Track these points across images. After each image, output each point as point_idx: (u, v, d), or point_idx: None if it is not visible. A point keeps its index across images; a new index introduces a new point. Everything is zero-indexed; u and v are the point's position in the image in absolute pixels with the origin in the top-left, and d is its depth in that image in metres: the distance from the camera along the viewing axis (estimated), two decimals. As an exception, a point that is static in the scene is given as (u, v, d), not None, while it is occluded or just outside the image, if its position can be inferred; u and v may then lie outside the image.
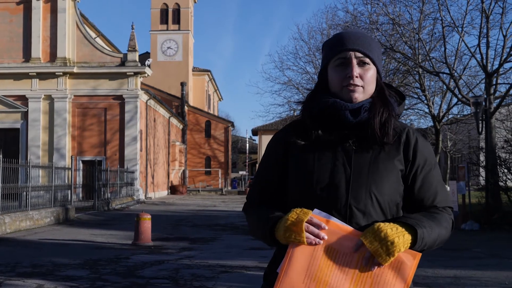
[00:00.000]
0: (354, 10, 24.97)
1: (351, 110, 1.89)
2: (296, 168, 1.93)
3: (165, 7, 52.03)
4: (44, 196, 18.04)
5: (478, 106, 17.14)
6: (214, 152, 50.70)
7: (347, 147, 1.89)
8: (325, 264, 1.70)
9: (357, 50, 1.90)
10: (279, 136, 2.04)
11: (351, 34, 1.95)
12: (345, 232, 1.73)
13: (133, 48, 31.33)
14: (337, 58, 1.92)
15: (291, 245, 1.74)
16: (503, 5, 18.75)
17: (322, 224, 1.74)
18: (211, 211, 24.83)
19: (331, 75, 1.95)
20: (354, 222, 1.82)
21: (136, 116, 31.21)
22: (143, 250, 11.48)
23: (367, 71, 1.91)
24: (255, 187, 2.07)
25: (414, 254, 1.71)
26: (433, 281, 8.08)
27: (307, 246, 1.72)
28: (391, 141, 1.90)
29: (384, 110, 1.92)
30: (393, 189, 1.88)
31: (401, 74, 26.24)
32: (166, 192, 42.30)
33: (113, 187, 26.59)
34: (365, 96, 1.92)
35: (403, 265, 1.69)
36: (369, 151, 1.89)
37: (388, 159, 1.89)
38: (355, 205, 1.84)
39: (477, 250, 11.55)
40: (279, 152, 2.00)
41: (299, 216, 1.75)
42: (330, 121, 1.92)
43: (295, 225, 1.74)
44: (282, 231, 1.76)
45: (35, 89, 30.68)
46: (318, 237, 1.73)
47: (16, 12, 30.89)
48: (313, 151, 1.91)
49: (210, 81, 61.62)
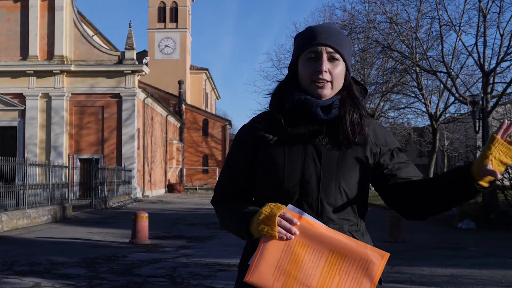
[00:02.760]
0: (352, 8, 25.12)
1: (322, 107, 1.91)
2: (267, 163, 1.95)
3: (163, 5, 51.96)
4: (41, 194, 18.02)
5: (475, 105, 17.20)
6: (212, 150, 50.69)
7: (317, 143, 1.93)
8: (295, 258, 1.73)
9: (328, 45, 1.92)
10: (248, 129, 2.05)
11: (323, 28, 1.97)
12: (317, 228, 1.76)
13: (131, 46, 31.30)
14: (308, 52, 1.94)
15: (263, 239, 1.77)
16: (500, 4, 18.81)
17: (294, 220, 1.75)
18: (208, 209, 24.82)
19: (301, 69, 1.96)
20: (325, 216, 1.88)
21: (133, 114, 31.20)
22: (140, 249, 11.49)
23: (337, 66, 1.94)
24: (223, 179, 2.09)
25: (383, 254, 1.73)
26: (430, 280, 8.10)
27: (278, 240, 1.74)
28: (361, 140, 1.94)
29: (354, 109, 1.96)
30: (361, 183, 1.93)
31: (398, 73, 26.30)
32: (164, 191, 42.28)
33: (110, 186, 26.58)
34: (333, 92, 1.95)
35: (371, 264, 1.71)
36: (338, 147, 1.93)
37: (356, 154, 1.93)
38: (326, 200, 1.88)
39: (474, 249, 11.58)
40: (248, 145, 2.01)
41: (272, 210, 1.76)
42: (300, 117, 1.95)
43: (268, 219, 1.75)
44: (256, 224, 1.78)
45: (32, 87, 30.64)
46: (289, 232, 1.74)
47: (13, 10, 30.83)
48: (283, 146, 1.93)
49: (207, 80, 61.57)
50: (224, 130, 51.12)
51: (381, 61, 28.13)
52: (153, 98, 35.82)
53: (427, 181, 1.90)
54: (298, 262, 1.73)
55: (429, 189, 1.86)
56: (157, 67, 49.54)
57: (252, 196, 2.02)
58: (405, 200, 1.92)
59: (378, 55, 26.10)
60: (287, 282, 1.72)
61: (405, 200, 1.92)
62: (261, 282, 1.73)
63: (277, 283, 1.72)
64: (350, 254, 1.72)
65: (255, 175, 2.00)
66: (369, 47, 25.06)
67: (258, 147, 1.98)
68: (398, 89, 29.65)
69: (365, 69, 29.93)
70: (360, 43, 27.22)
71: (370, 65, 29.57)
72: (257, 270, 1.74)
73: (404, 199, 1.92)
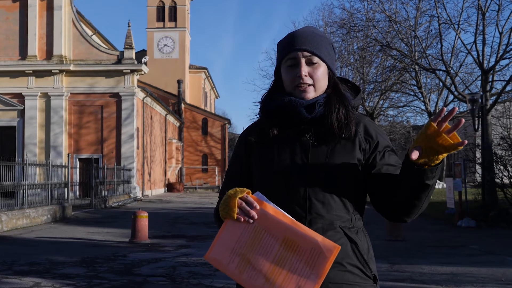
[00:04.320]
0: (351, 7, 25.09)
1: (306, 106, 1.95)
2: (258, 165, 2.02)
3: (162, 4, 51.93)
4: (40, 194, 18.02)
5: (474, 103, 17.19)
6: (211, 149, 50.67)
7: (304, 141, 1.96)
8: (250, 242, 1.76)
9: (304, 50, 1.97)
10: (242, 135, 2.14)
11: (300, 33, 2.01)
12: (277, 216, 1.77)
13: (130, 46, 31.28)
14: (287, 59, 2.00)
15: (226, 220, 1.81)
16: (499, 2, 18.78)
17: (254, 203, 1.78)
18: (208, 208, 24.82)
19: (283, 75, 2.02)
20: (314, 212, 1.89)
21: (132, 113, 31.18)
22: (140, 248, 11.49)
23: (316, 69, 1.98)
24: (225, 183, 2.13)
25: (334, 247, 1.72)
26: (430, 278, 8.10)
27: (238, 223, 1.78)
28: (350, 135, 1.95)
29: (340, 105, 1.98)
30: (350, 179, 1.93)
31: (397, 71, 26.30)
32: (163, 190, 42.28)
33: (110, 185, 26.58)
34: (317, 93, 1.99)
35: (321, 255, 1.71)
36: (326, 144, 1.95)
37: (344, 150, 1.95)
38: (315, 197, 1.90)
39: (473, 247, 11.59)
40: (242, 151, 2.09)
41: (236, 192, 1.80)
42: (286, 119, 1.99)
43: (230, 199, 1.79)
44: (220, 205, 1.83)
45: (31, 87, 30.62)
46: (247, 214, 1.77)
47: (12, 10, 30.80)
48: (272, 147, 1.98)
49: (206, 79, 61.54)
50: (224, 129, 51.10)
51: (380, 60, 28.13)
52: (152, 97, 35.81)
53: (393, 179, 1.90)
54: (253, 246, 1.75)
55: (394, 185, 1.88)
56: (156, 66, 49.53)
57: None
58: (382, 200, 1.94)
59: (377, 53, 26.10)
60: (240, 265, 1.75)
61: (382, 200, 1.94)
62: (217, 262, 1.78)
63: (232, 264, 1.76)
64: (303, 243, 1.73)
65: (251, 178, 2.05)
66: (368, 45, 25.06)
67: (251, 151, 2.05)
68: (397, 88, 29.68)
69: (364, 68, 29.92)
70: (359, 42, 27.23)
71: (369, 63, 29.56)
72: (215, 250, 1.79)
73: (381, 199, 1.94)
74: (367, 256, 1.94)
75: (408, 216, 1.91)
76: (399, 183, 1.85)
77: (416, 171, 1.76)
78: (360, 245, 1.92)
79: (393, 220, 1.98)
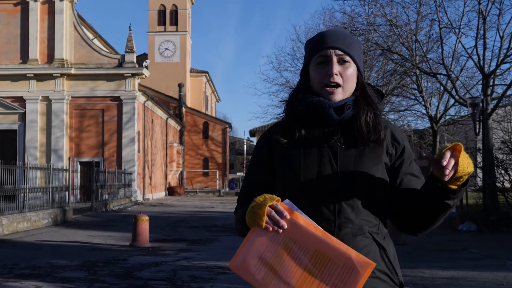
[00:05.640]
0: (352, 11, 25.03)
1: (335, 108, 1.92)
2: (283, 167, 1.94)
3: (163, 8, 52.02)
4: (41, 197, 18.02)
5: (475, 107, 17.20)
6: (212, 153, 50.68)
7: (332, 144, 1.91)
8: (279, 253, 1.70)
9: (337, 48, 1.94)
10: (264, 137, 2.07)
11: (332, 32, 1.99)
12: (307, 226, 1.72)
13: (131, 50, 31.31)
14: (318, 56, 1.96)
15: (253, 228, 1.74)
16: (500, 6, 18.79)
17: (284, 213, 1.71)
18: (209, 212, 24.82)
19: (312, 73, 1.98)
20: (343, 216, 1.84)
21: (133, 117, 31.20)
22: (140, 252, 11.48)
23: (347, 68, 1.94)
24: (245, 188, 2.08)
25: (368, 263, 1.66)
26: (431, 282, 8.09)
27: (267, 232, 1.71)
28: (379, 139, 1.93)
29: (368, 109, 1.95)
30: (379, 183, 1.90)
31: (398, 75, 26.28)
32: (164, 194, 42.26)
33: (110, 189, 26.57)
34: (345, 95, 1.95)
35: (354, 272, 1.65)
36: (354, 147, 1.91)
37: (373, 154, 1.91)
38: (344, 200, 1.85)
39: (474, 251, 11.57)
40: (264, 153, 2.02)
41: (266, 199, 1.74)
42: (314, 119, 1.95)
43: (258, 207, 1.73)
44: (248, 212, 1.76)
45: (32, 91, 30.65)
46: (277, 224, 1.70)
47: (13, 14, 30.86)
48: (298, 149, 1.93)
49: (207, 82, 61.59)
50: (224, 133, 51.13)
51: (381, 64, 28.12)
52: (153, 101, 35.83)
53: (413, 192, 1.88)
54: (281, 257, 1.69)
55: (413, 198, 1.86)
56: (157, 70, 49.59)
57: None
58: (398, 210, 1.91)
59: (378, 57, 26.09)
60: (267, 275, 1.68)
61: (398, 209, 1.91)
62: (243, 271, 1.71)
63: (258, 274, 1.69)
64: (335, 258, 1.67)
65: (274, 182, 1.99)
66: (369, 49, 25.06)
67: (274, 153, 1.99)
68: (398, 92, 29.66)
69: (365, 72, 29.83)
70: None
71: (370, 67, 29.54)
72: (241, 259, 1.72)
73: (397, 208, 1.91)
74: (394, 262, 1.92)
75: (420, 231, 1.91)
76: (419, 197, 1.83)
77: (439, 189, 1.74)
78: (388, 251, 1.90)
79: (403, 231, 1.96)
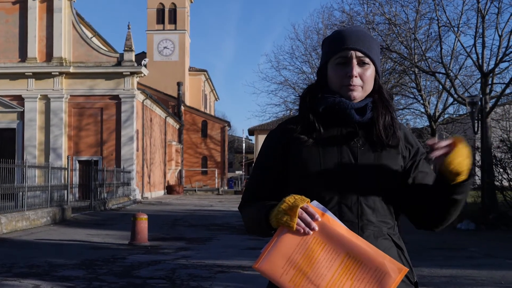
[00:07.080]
0: (350, 10, 24.92)
1: (356, 109, 1.91)
2: (301, 166, 1.90)
3: (162, 7, 51.96)
4: (40, 196, 18.01)
5: (474, 106, 17.20)
6: (211, 152, 50.68)
7: (352, 145, 1.90)
8: (309, 255, 1.67)
9: (358, 50, 1.91)
10: (276, 134, 2.01)
11: (353, 32, 1.96)
12: (338, 228, 1.70)
13: (130, 48, 31.29)
14: (337, 57, 1.93)
15: (280, 229, 1.71)
16: (499, 5, 18.79)
17: (316, 215, 1.70)
18: (207, 211, 24.83)
19: (331, 73, 1.95)
20: (365, 218, 1.85)
21: (132, 116, 31.18)
22: (139, 250, 11.48)
23: (366, 70, 1.92)
24: (253, 183, 2.03)
25: (401, 268, 1.66)
26: (429, 281, 8.10)
27: (295, 233, 1.69)
28: (394, 142, 1.93)
29: (386, 112, 1.95)
30: (396, 185, 1.90)
31: (397, 74, 26.28)
32: (163, 192, 42.25)
33: (109, 187, 26.56)
34: (364, 94, 1.94)
35: (387, 276, 1.64)
36: (373, 149, 1.91)
37: (390, 157, 1.91)
38: (365, 202, 1.85)
39: (473, 250, 11.59)
40: (277, 150, 1.97)
41: (296, 201, 1.71)
42: (333, 119, 1.93)
43: (290, 209, 1.70)
44: (276, 212, 1.73)
45: (31, 89, 30.61)
46: (309, 226, 1.68)
47: (12, 12, 30.81)
48: (317, 148, 1.90)
49: (206, 81, 61.57)
50: (223, 132, 51.13)
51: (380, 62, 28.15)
52: (152, 99, 35.81)
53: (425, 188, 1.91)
54: (311, 259, 1.66)
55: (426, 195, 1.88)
56: (156, 68, 49.53)
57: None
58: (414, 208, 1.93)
59: (376, 56, 26.08)
60: (296, 277, 1.66)
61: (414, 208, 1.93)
62: (270, 272, 1.68)
63: (286, 276, 1.66)
64: (367, 261, 1.66)
65: (287, 180, 1.96)
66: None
67: (289, 151, 1.94)
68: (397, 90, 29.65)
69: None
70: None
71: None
72: (267, 259, 1.69)
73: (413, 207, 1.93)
74: (410, 262, 1.93)
75: (437, 227, 1.93)
76: (430, 193, 1.86)
77: (444, 183, 1.77)
78: (404, 251, 1.91)
79: (421, 227, 1.98)
